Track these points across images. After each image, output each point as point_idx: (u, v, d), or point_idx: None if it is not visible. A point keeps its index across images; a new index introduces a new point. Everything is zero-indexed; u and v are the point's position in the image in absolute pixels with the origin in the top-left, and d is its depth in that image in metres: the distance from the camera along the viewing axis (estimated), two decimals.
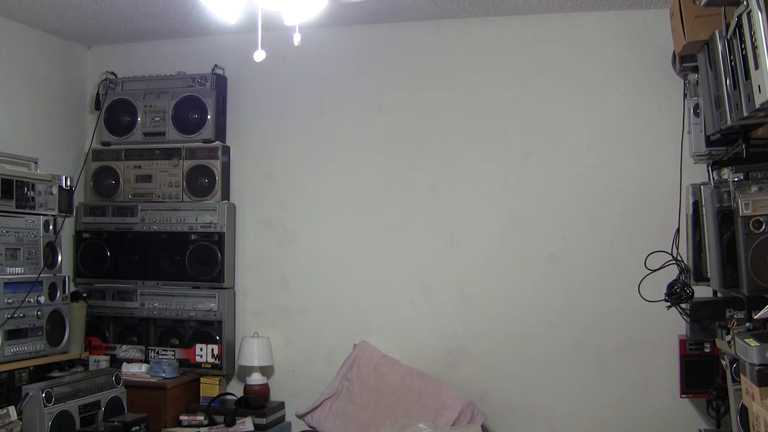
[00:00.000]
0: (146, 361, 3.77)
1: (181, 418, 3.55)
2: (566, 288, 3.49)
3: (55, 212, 3.40)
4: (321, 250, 3.83)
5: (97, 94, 4.04)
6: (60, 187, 3.41)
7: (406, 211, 3.72)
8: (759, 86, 1.90)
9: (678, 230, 3.30)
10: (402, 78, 3.75)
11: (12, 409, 2.92)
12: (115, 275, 3.90)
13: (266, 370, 3.81)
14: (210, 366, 3.74)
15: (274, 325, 3.87)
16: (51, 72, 3.93)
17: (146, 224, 3.87)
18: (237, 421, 3.51)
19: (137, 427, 3.19)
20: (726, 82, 2.27)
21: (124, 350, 3.84)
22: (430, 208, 3.68)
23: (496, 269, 3.59)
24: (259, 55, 2.43)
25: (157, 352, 3.80)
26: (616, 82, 3.46)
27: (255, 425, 3.52)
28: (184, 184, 3.85)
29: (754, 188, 2.41)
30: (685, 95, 3.15)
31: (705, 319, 2.89)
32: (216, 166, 3.84)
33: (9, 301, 3.10)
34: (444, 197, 3.67)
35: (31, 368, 3.17)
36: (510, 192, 3.58)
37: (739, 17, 1.99)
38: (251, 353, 3.72)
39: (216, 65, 3.91)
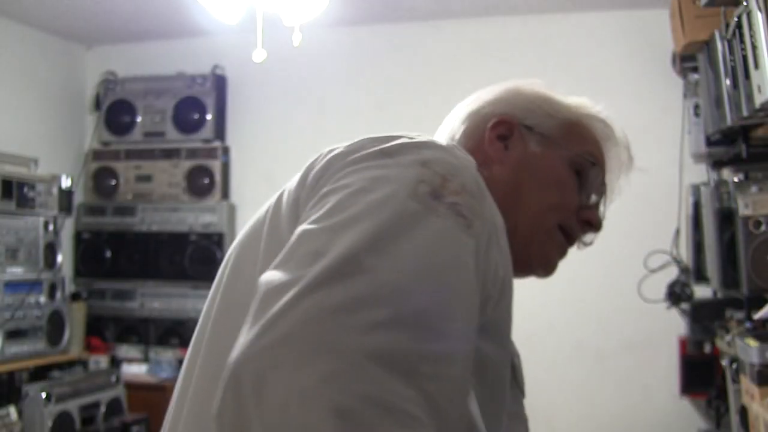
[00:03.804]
0: (146, 361, 3.77)
1: None
2: (566, 288, 3.49)
3: (55, 212, 3.40)
4: None
5: (97, 94, 4.04)
6: (60, 187, 3.41)
7: None
8: (759, 86, 1.90)
9: (678, 230, 3.30)
10: (402, 78, 3.75)
11: (12, 409, 2.93)
12: (115, 275, 3.90)
13: None
14: None
15: None
16: (51, 72, 3.93)
17: (146, 224, 3.87)
18: None
19: (137, 427, 3.19)
20: (726, 82, 2.27)
21: (124, 350, 3.84)
22: None
23: None
24: (259, 55, 2.43)
25: (157, 352, 3.80)
26: (616, 82, 3.46)
27: None
28: (184, 184, 3.86)
29: (754, 188, 2.41)
30: (684, 95, 3.16)
31: (705, 319, 2.89)
32: (216, 166, 3.84)
33: (9, 301, 3.10)
34: None
35: (31, 368, 3.18)
36: None
37: (739, 17, 2.00)
38: None
39: (216, 65, 3.92)
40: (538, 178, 0.97)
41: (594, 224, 1.03)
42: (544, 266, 1.03)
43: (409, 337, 0.62)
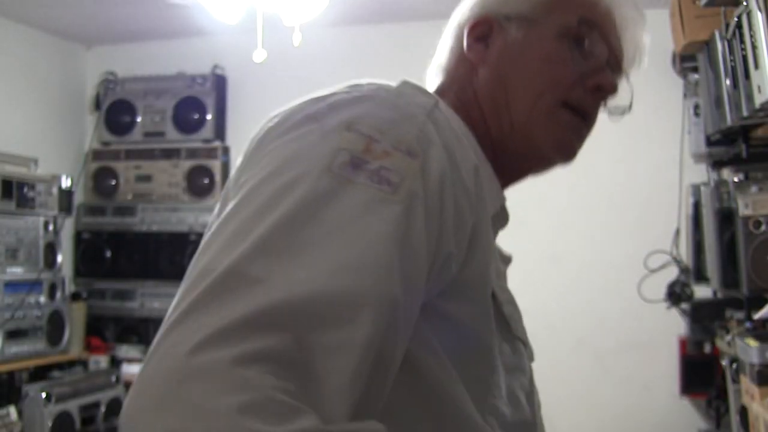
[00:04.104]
0: None
1: None
2: (566, 288, 3.50)
3: (55, 212, 3.40)
4: None
5: (97, 94, 4.04)
6: (60, 187, 3.41)
7: None
8: (759, 86, 1.90)
9: (678, 230, 3.30)
10: (402, 78, 3.75)
11: (12, 409, 2.93)
12: (115, 275, 3.90)
13: None
14: None
15: None
16: (51, 72, 3.93)
17: (146, 224, 3.87)
18: None
19: None
20: (726, 82, 2.27)
21: (124, 350, 3.84)
22: None
23: None
24: (259, 55, 2.44)
25: None
26: None
27: None
28: (184, 184, 3.86)
29: (754, 188, 2.41)
30: (684, 95, 3.16)
31: (705, 319, 2.89)
32: (216, 166, 3.84)
33: (9, 301, 3.10)
34: None
35: (31, 368, 3.18)
36: (509, 192, 3.59)
37: (739, 17, 2.00)
38: None
39: (216, 65, 3.92)
40: (524, 63, 0.90)
41: (605, 87, 0.96)
42: (559, 151, 0.97)
43: (286, 346, 0.58)
